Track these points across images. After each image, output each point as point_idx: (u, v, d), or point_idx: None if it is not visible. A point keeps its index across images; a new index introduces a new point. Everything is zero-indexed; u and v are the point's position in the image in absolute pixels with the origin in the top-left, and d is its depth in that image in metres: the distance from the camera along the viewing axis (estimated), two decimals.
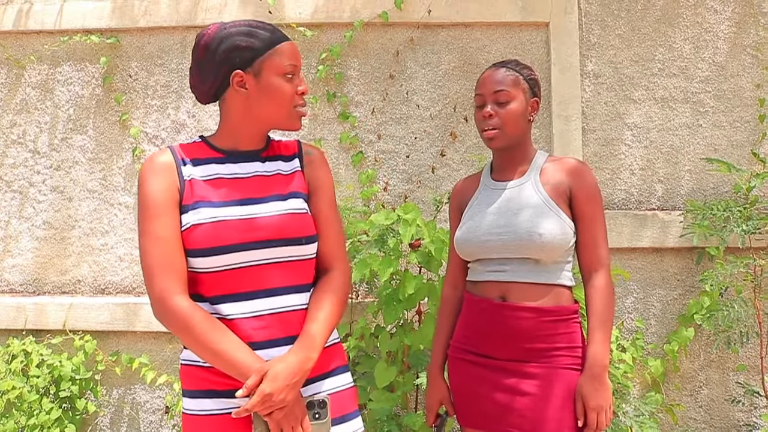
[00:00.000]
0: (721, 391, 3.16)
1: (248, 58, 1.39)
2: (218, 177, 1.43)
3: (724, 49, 3.29)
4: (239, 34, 1.39)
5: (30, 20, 3.46)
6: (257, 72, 1.40)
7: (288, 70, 1.42)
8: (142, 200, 1.38)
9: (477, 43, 3.34)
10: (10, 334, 3.33)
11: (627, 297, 3.21)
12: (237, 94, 1.42)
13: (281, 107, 1.43)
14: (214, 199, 1.40)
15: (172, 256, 1.34)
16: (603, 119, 3.29)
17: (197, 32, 3.40)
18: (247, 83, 1.41)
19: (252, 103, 1.42)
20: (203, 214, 1.37)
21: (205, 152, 1.46)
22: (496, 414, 1.75)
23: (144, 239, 1.36)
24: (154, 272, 1.33)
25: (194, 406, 1.37)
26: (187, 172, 1.41)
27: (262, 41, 1.40)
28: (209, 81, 1.43)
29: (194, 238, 1.35)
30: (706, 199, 3.24)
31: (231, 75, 1.40)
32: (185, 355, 1.43)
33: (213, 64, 1.40)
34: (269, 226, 1.40)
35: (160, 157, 1.41)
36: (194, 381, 1.39)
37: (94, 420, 3.31)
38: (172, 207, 1.38)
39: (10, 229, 3.47)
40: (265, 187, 1.46)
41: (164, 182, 1.38)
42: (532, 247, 1.74)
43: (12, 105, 3.51)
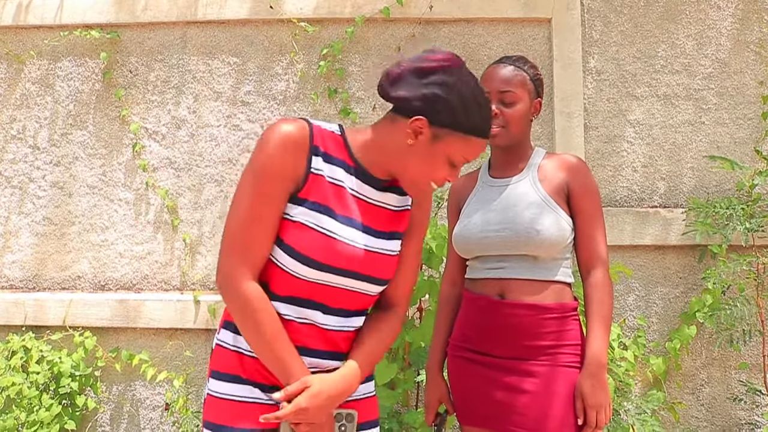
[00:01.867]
0: (723, 389, 3.15)
1: (443, 121, 1.29)
2: (341, 186, 1.35)
3: (727, 45, 3.27)
4: (460, 97, 1.29)
5: (30, 15, 3.45)
6: (438, 136, 1.30)
7: (457, 160, 1.34)
8: (259, 170, 1.27)
9: (479, 39, 3.33)
10: (9, 330, 3.32)
11: (629, 295, 3.20)
12: (404, 131, 1.32)
13: (420, 176, 1.34)
14: (334, 208, 1.33)
15: (262, 240, 1.28)
16: (605, 116, 3.28)
17: (197, 27, 3.40)
18: (421, 135, 1.30)
19: (409, 149, 1.32)
20: (320, 221, 1.30)
21: (340, 152, 1.36)
22: (496, 412, 1.74)
23: (240, 211, 1.28)
24: (235, 248, 1.27)
25: (224, 390, 1.34)
26: (315, 164, 1.32)
27: (468, 122, 1.30)
28: (402, 95, 1.31)
29: (299, 240, 1.29)
30: (708, 196, 3.23)
31: (415, 116, 1.30)
32: (225, 336, 1.38)
33: (415, 88, 1.30)
34: (368, 262, 1.36)
35: (294, 130, 1.29)
36: (230, 365, 1.35)
37: (94, 416, 3.30)
38: (286, 191, 1.29)
39: (10, 224, 3.46)
40: (376, 218, 1.40)
41: (291, 162, 1.29)
42: (530, 244, 1.73)
43: (12, 100, 3.49)
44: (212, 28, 3.42)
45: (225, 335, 1.39)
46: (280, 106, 3.37)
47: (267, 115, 3.37)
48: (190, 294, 3.29)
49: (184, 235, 3.33)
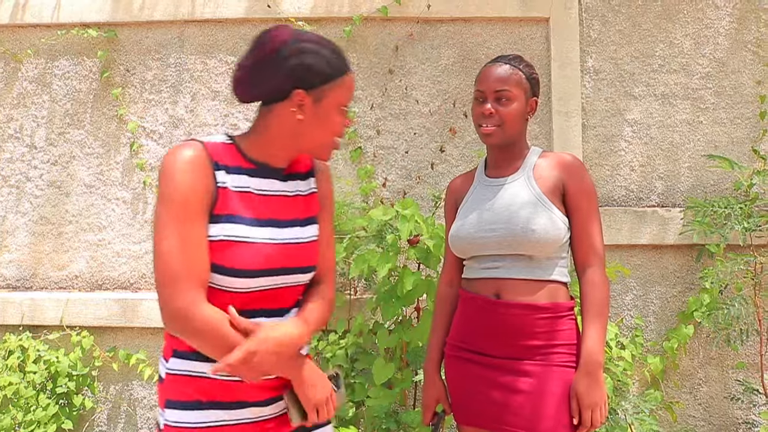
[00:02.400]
0: (721, 388, 3.16)
1: (314, 81, 1.34)
2: (249, 191, 1.37)
3: (725, 45, 3.27)
4: (312, 52, 1.33)
5: (27, 13, 3.44)
6: (319, 98, 1.35)
7: (345, 102, 1.39)
8: (174, 196, 1.26)
9: (477, 38, 3.33)
10: (6, 330, 3.31)
11: (626, 294, 3.20)
12: (289, 111, 1.35)
13: (326, 137, 1.39)
14: (246, 215, 1.34)
15: (202, 264, 1.26)
16: (603, 115, 3.27)
17: (195, 26, 3.39)
18: (305, 105, 1.35)
19: (302, 125, 1.36)
20: (237, 232, 1.31)
21: (237, 159, 1.38)
22: (493, 412, 1.74)
23: (170, 240, 1.24)
24: (180, 279, 1.23)
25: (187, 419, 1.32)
26: (220, 178, 1.33)
27: (332, 69, 1.35)
28: (265, 86, 1.35)
29: (224, 256, 1.29)
30: (706, 196, 3.23)
31: (292, 92, 1.34)
32: (176, 365, 1.35)
33: (277, 72, 1.33)
34: (294, 255, 1.38)
35: (194, 152, 1.30)
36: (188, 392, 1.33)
37: (91, 416, 3.29)
38: (205, 211, 1.29)
39: (7, 224, 3.45)
40: (288, 209, 1.43)
41: (200, 182, 1.29)
42: (525, 244, 1.73)
43: (9, 99, 3.49)
44: (210, 27, 3.42)
45: (176, 363, 1.36)
46: None
47: None
48: None
49: None
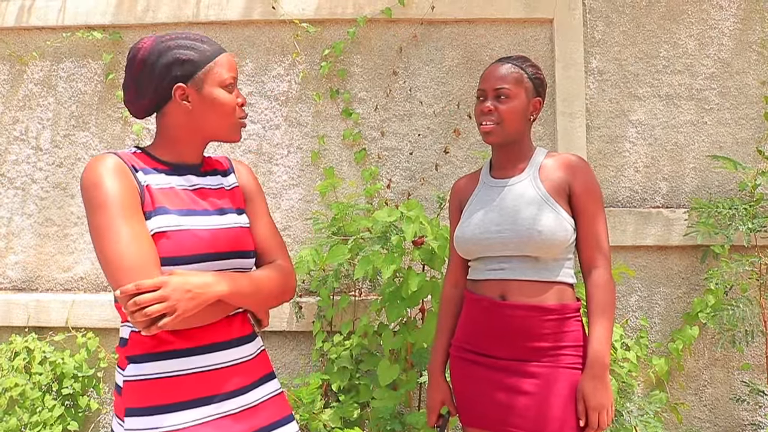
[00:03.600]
0: (726, 390, 3.15)
1: (190, 71, 1.38)
2: (170, 187, 1.40)
3: (729, 45, 3.27)
4: (178, 47, 1.38)
5: (32, 16, 3.45)
6: (199, 85, 1.39)
7: (228, 82, 1.42)
8: (105, 200, 1.28)
9: (481, 39, 3.33)
10: (12, 331, 3.32)
11: (631, 295, 3.20)
12: (179, 107, 1.40)
13: (224, 119, 1.43)
14: (174, 207, 1.37)
15: (151, 255, 1.27)
16: (607, 116, 3.27)
17: (199, 28, 3.40)
18: (190, 96, 1.40)
19: (195, 115, 1.41)
20: (169, 221, 1.34)
21: (150, 163, 1.42)
22: (498, 414, 1.74)
23: (117, 242, 1.24)
24: (142, 271, 1.23)
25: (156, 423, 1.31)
26: (141, 178, 1.37)
27: (201, 54, 1.39)
28: (149, 95, 1.40)
29: (162, 247, 1.31)
30: (711, 196, 3.23)
31: (173, 88, 1.39)
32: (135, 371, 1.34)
33: (152, 78, 1.38)
34: (229, 239, 1.42)
35: (110, 160, 1.33)
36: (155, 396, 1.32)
37: (96, 417, 3.30)
38: (139, 209, 1.32)
39: (13, 225, 3.46)
40: (214, 200, 1.47)
41: (126, 184, 1.32)
42: (531, 245, 1.73)
43: (14, 101, 3.50)
44: (214, 29, 3.42)
45: (133, 369, 1.35)
46: (282, 107, 3.37)
47: (269, 116, 3.37)
48: None
49: None
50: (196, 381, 1.35)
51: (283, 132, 3.37)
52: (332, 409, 2.80)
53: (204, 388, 1.36)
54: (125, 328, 1.40)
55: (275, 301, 1.47)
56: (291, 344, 3.25)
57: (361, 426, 2.86)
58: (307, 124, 3.37)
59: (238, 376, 1.42)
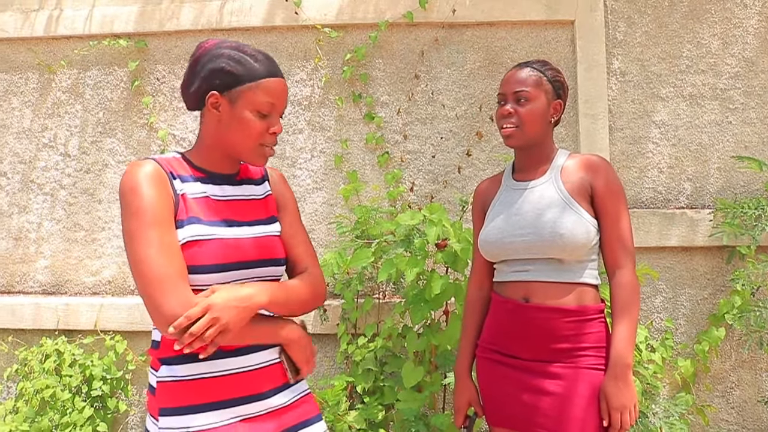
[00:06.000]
0: (754, 392, 3.12)
1: (229, 83, 1.39)
2: (205, 196, 1.43)
3: (754, 44, 3.24)
4: (229, 57, 1.40)
5: (60, 26, 3.52)
6: (233, 100, 1.40)
7: (264, 108, 1.41)
8: (141, 206, 1.31)
9: (502, 42, 3.33)
10: (43, 334, 3.39)
11: (656, 296, 3.18)
12: (212, 114, 1.43)
13: (246, 140, 1.42)
14: (207, 217, 1.40)
15: (180, 267, 1.30)
16: (630, 117, 3.26)
17: (223, 35, 3.45)
18: (221, 107, 1.41)
19: (222, 127, 1.43)
20: (200, 231, 1.36)
21: (188, 170, 1.45)
22: (523, 414, 1.75)
23: (149, 251, 1.28)
24: (168, 282, 1.27)
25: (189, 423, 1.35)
26: (178, 186, 1.40)
27: (247, 71, 1.40)
28: (192, 92, 1.44)
29: (193, 256, 1.34)
30: (736, 197, 3.20)
31: (208, 95, 1.41)
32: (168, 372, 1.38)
33: (198, 77, 1.42)
34: (260, 247, 1.44)
35: (149, 166, 1.37)
36: (188, 396, 1.36)
37: (125, 419, 3.35)
38: (172, 219, 1.35)
39: (42, 230, 3.53)
40: (246, 210, 1.49)
41: (163, 192, 1.35)
42: (554, 247, 1.73)
43: (43, 109, 3.57)
44: (237, 35, 3.47)
45: (166, 371, 1.38)
46: (305, 112, 3.40)
47: (292, 120, 3.41)
48: None
49: None
50: (227, 383, 1.38)
51: (306, 136, 3.41)
52: (357, 410, 2.82)
53: (235, 389, 1.38)
54: (157, 331, 1.42)
55: (306, 308, 1.50)
56: (316, 346, 3.27)
57: (386, 428, 2.88)
58: (330, 128, 3.40)
59: (268, 378, 1.44)
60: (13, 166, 3.58)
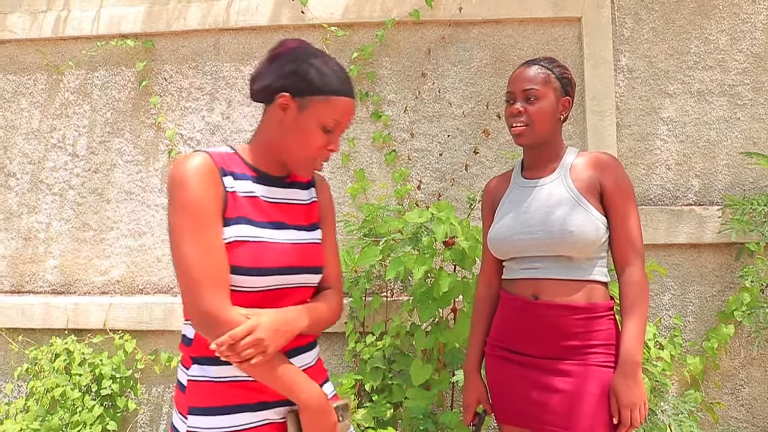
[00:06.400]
0: (763, 389, 3.11)
1: (302, 89, 1.37)
2: (254, 196, 1.41)
3: (762, 39, 3.23)
4: (311, 64, 1.38)
5: (68, 26, 3.54)
6: (302, 106, 1.38)
7: (329, 124, 1.39)
8: (189, 204, 1.30)
9: (509, 39, 3.33)
10: (52, 333, 3.41)
11: (664, 294, 3.17)
12: (276, 113, 1.41)
13: (301, 150, 1.41)
14: (255, 218, 1.38)
15: (223, 268, 1.30)
16: (637, 114, 3.25)
17: (230, 34, 3.45)
18: (288, 110, 1.39)
19: (282, 130, 1.41)
20: (247, 232, 1.35)
21: (240, 167, 1.43)
22: (533, 411, 1.75)
23: (191, 248, 1.28)
24: (205, 285, 1.27)
25: (218, 424, 1.34)
26: (228, 183, 1.37)
27: (325, 83, 1.38)
28: (262, 85, 1.42)
29: (238, 256, 1.33)
30: (744, 193, 3.19)
31: (279, 94, 1.39)
32: (198, 371, 1.38)
33: (274, 73, 1.39)
34: (302, 254, 1.43)
35: (201, 160, 1.34)
36: (215, 398, 1.36)
37: (134, 417, 3.37)
38: (219, 216, 1.33)
39: (51, 230, 3.55)
40: (292, 214, 1.47)
41: (212, 188, 1.33)
42: (564, 245, 1.73)
43: (51, 110, 3.59)
44: (244, 34, 3.47)
45: (197, 370, 1.38)
46: None
47: None
48: None
49: None
50: (258, 386, 1.37)
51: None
52: (365, 409, 2.83)
53: (265, 393, 1.38)
54: (189, 327, 1.42)
55: (323, 329, 1.50)
56: (324, 345, 3.29)
57: (395, 426, 2.88)
58: None
59: None
60: (23, 166, 3.60)
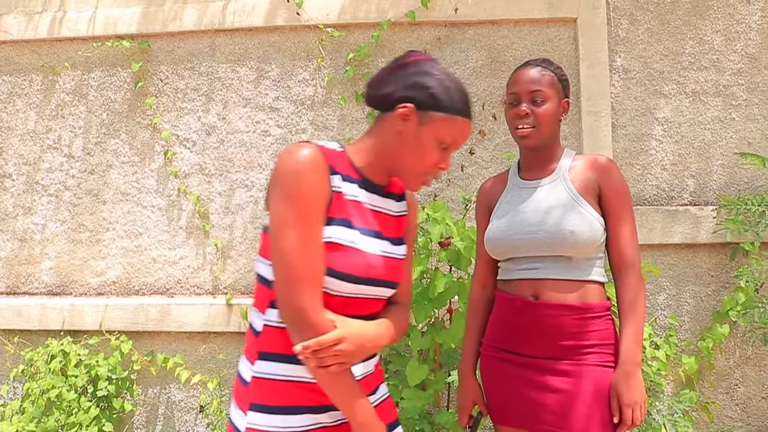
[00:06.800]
0: (758, 388, 3.12)
1: (427, 104, 1.37)
2: (358, 201, 1.40)
3: (757, 40, 3.24)
4: (439, 80, 1.38)
5: (63, 27, 3.53)
6: (424, 121, 1.37)
7: (447, 142, 1.40)
8: (299, 195, 1.27)
9: (504, 40, 3.33)
10: (48, 335, 3.41)
11: (660, 294, 3.18)
12: (394, 122, 1.39)
13: (417, 164, 1.40)
14: (356, 223, 1.37)
15: (321, 268, 1.29)
16: (633, 114, 3.26)
17: (226, 35, 3.45)
18: (409, 121, 1.38)
19: (400, 140, 1.40)
20: (347, 236, 1.34)
21: (347, 168, 1.41)
22: (530, 411, 1.76)
23: (295, 241, 1.26)
24: (303, 282, 1.26)
25: (279, 423, 1.33)
26: (336, 182, 1.35)
27: (450, 102, 1.38)
28: (385, 92, 1.41)
29: (335, 259, 1.32)
30: (739, 193, 3.20)
31: (401, 103, 1.38)
32: (266, 368, 1.36)
33: (399, 82, 1.39)
34: (389, 268, 1.42)
35: (314, 154, 1.31)
36: (281, 397, 1.34)
37: (130, 419, 3.37)
38: (324, 214, 1.31)
39: (47, 232, 3.55)
40: (385, 225, 1.47)
41: (321, 184, 1.30)
42: (564, 245, 1.74)
43: (47, 111, 3.59)
44: (240, 35, 3.47)
45: (263, 366, 1.37)
46: (308, 111, 3.41)
47: (295, 120, 3.41)
48: (222, 297, 3.34)
49: (216, 240, 3.39)
50: (320, 389, 1.36)
51: (309, 136, 3.41)
52: None
53: (325, 396, 1.36)
54: (259, 319, 1.40)
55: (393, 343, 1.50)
56: None
57: None
58: (333, 128, 3.40)
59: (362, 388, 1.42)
60: (18, 167, 3.59)
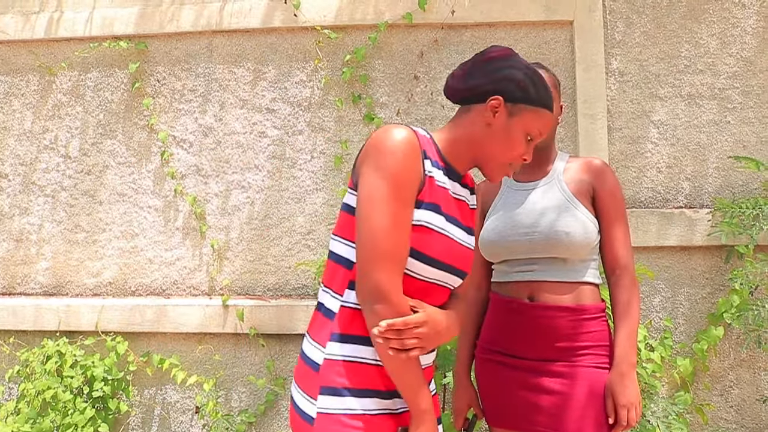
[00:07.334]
0: (753, 390, 3.13)
1: (517, 97, 1.39)
2: (446, 188, 1.42)
3: (752, 44, 3.25)
4: (526, 74, 1.40)
5: (60, 28, 3.53)
6: (513, 113, 1.40)
7: (533, 134, 1.42)
8: (395, 173, 1.29)
9: (501, 42, 3.34)
10: (44, 336, 3.40)
11: (655, 296, 3.19)
12: (483, 114, 1.41)
13: (503, 155, 1.42)
14: (444, 209, 1.39)
15: (406, 249, 1.29)
16: (628, 117, 3.27)
17: (223, 36, 3.45)
18: (498, 113, 1.39)
19: (488, 131, 1.41)
20: (436, 221, 1.36)
21: (435, 155, 1.42)
22: (525, 413, 1.77)
23: (385, 219, 1.26)
24: (387, 261, 1.26)
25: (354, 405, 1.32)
26: (428, 167, 1.37)
27: (538, 95, 1.40)
28: (472, 85, 1.42)
29: (423, 242, 1.33)
30: (734, 196, 3.21)
31: (492, 96, 1.40)
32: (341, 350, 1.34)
33: (486, 75, 1.40)
34: (465, 257, 1.44)
35: (411, 136, 1.33)
36: (355, 379, 1.33)
37: (126, 420, 3.37)
38: (415, 196, 1.32)
39: (43, 232, 3.54)
40: (465, 214, 1.48)
41: (417, 167, 1.32)
42: (559, 247, 1.75)
43: (44, 111, 3.58)
44: (237, 36, 3.48)
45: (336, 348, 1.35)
46: (305, 113, 3.42)
47: (292, 121, 3.42)
48: (218, 299, 3.34)
49: (212, 241, 3.39)
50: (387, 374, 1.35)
51: (306, 137, 3.42)
52: None
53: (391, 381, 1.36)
54: (333, 300, 1.39)
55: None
56: None
57: None
58: (330, 130, 3.41)
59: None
60: (14, 168, 3.59)
